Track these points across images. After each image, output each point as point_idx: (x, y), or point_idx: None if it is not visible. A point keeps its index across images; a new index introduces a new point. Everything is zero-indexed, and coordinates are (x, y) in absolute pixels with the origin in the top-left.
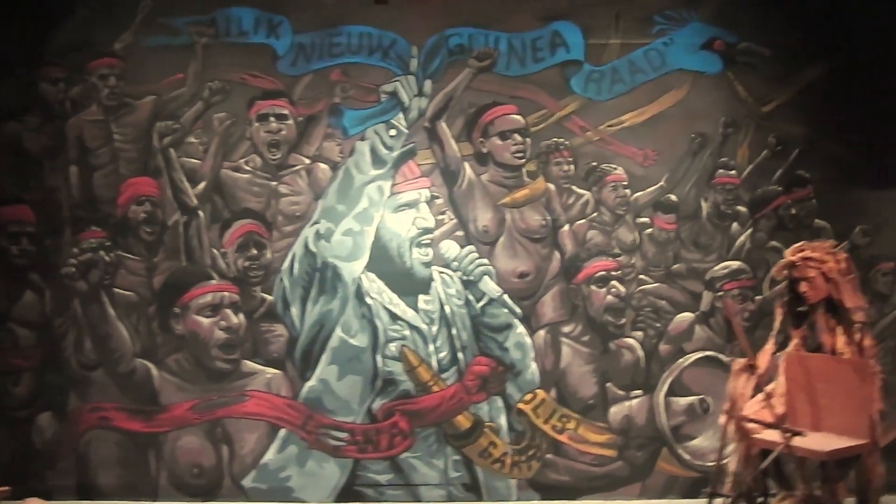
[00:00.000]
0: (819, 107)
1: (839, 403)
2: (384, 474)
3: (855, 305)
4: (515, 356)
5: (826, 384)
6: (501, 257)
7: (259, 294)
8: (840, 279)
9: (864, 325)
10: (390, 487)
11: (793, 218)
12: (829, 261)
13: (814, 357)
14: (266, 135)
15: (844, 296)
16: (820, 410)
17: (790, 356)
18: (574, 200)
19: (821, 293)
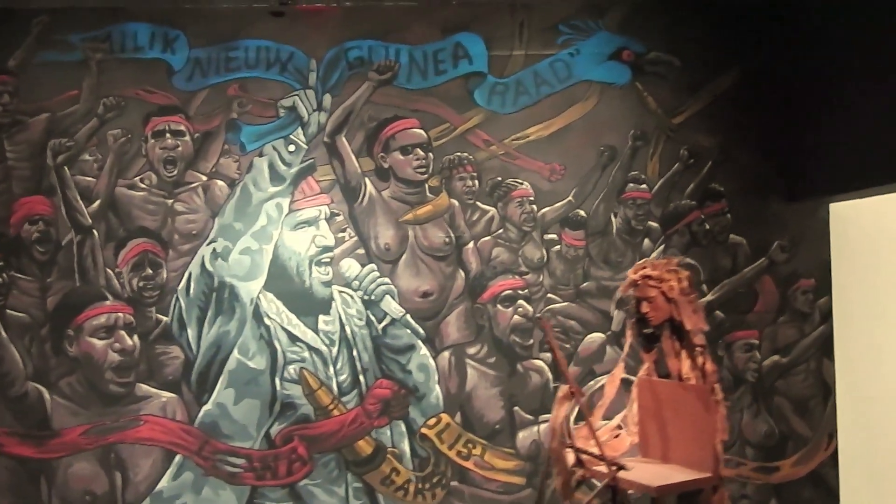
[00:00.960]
0: (732, 117)
1: (686, 433)
2: (283, 502)
3: (694, 327)
4: (419, 379)
5: (673, 412)
6: (404, 276)
7: (154, 315)
8: (680, 299)
9: (704, 348)
10: None
11: (707, 233)
12: (671, 279)
13: (662, 383)
14: (162, 151)
15: (684, 317)
16: (669, 440)
17: (641, 382)
18: (479, 217)
19: (662, 314)
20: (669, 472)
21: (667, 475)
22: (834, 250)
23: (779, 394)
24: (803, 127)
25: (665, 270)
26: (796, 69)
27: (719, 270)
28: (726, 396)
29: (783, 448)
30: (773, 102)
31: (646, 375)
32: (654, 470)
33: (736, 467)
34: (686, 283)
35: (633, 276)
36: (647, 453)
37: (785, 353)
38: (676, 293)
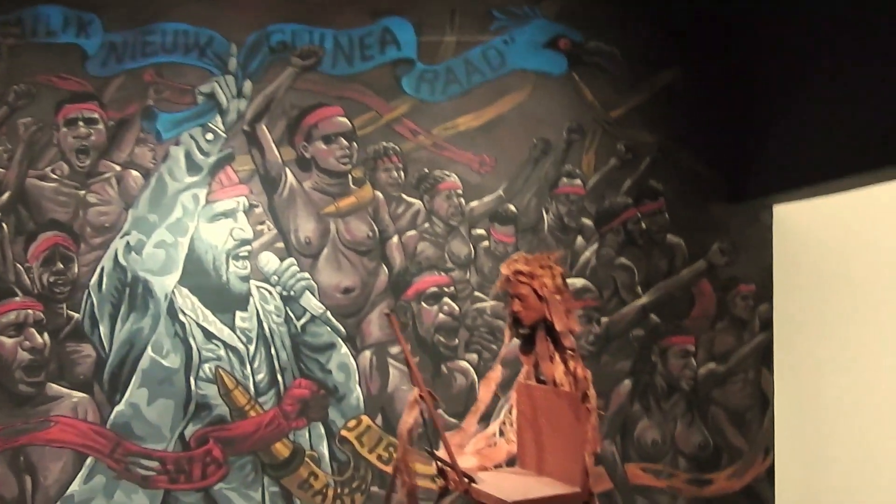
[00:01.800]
0: (673, 113)
1: (559, 444)
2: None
3: (565, 329)
4: (339, 379)
5: (547, 420)
6: (324, 271)
7: (65, 312)
8: (551, 297)
9: (575, 352)
10: None
11: (643, 233)
12: (544, 276)
13: (538, 388)
14: (74, 140)
15: (554, 317)
16: (544, 451)
17: (519, 386)
18: (404, 210)
19: (535, 313)
20: (535, 486)
21: (529, 489)
22: (776, 255)
23: (715, 403)
24: (747, 126)
25: (538, 266)
26: (741, 66)
27: (655, 272)
28: (660, 403)
29: (717, 460)
30: (716, 100)
31: (524, 379)
32: (518, 483)
33: (668, 478)
34: (560, 279)
35: (504, 272)
36: (524, 464)
37: (722, 361)
38: (548, 291)
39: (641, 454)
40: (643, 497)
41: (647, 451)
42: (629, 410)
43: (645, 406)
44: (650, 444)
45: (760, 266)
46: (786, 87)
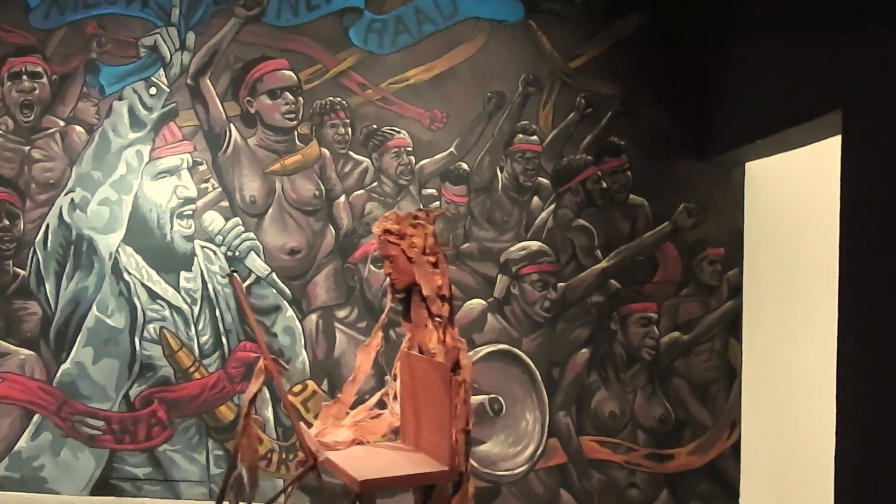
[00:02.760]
0: (635, 64)
1: (433, 418)
2: (142, 467)
3: (433, 293)
4: (284, 342)
5: (423, 392)
6: (270, 231)
7: (12, 269)
8: (419, 259)
9: (443, 318)
10: (148, 482)
11: (603, 192)
12: (414, 235)
13: (416, 358)
14: (18, 95)
15: (421, 280)
16: (420, 425)
17: (402, 355)
18: (351, 168)
19: (406, 276)
20: (400, 464)
21: (391, 467)
22: (748, 216)
23: (678, 375)
24: (715, 76)
25: (409, 224)
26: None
27: (616, 235)
28: (619, 374)
29: (679, 435)
30: (682, 48)
31: (406, 348)
32: (383, 459)
33: (626, 453)
34: (433, 239)
35: (375, 231)
36: (405, 438)
37: (686, 330)
38: (417, 252)
39: (598, 427)
40: (599, 472)
41: (605, 424)
42: (586, 381)
43: (603, 377)
44: (608, 416)
45: (730, 228)
46: (756, 32)
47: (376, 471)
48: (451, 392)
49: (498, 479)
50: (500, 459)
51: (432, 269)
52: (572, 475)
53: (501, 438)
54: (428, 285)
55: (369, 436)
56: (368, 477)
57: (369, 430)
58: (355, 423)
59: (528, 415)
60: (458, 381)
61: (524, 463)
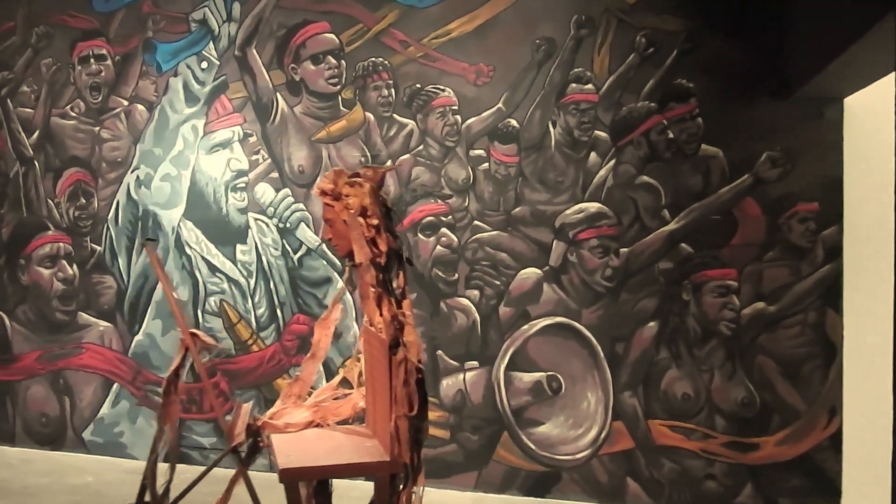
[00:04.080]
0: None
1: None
2: (208, 437)
3: (364, 260)
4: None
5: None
6: (318, 201)
7: (89, 245)
8: (353, 221)
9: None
10: (214, 451)
11: (670, 144)
12: (351, 196)
13: (369, 333)
14: (87, 78)
15: (354, 245)
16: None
17: (365, 331)
18: (396, 131)
19: (346, 242)
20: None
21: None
22: (847, 164)
23: (763, 352)
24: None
25: (345, 183)
26: None
27: (686, 192)
28: (692, 351)
29: (765, 422)
30: None
31: (367, 322)
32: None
33: (702, 440)
34: (371, 198)
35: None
36: (368, 422)
37: (772, 301)
38: (351, 214)
39: (669, 410)
40: (671, 461)
41: (677, 407)
42: (654, 358)
43: (674, 353)
44: (680, 398)
45: (825, 179)
46: None
47: (309, 458)
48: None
49: (558, 463)
50: (559, 442)
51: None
52: (640, 462)
53: (561, 420)
54: (360, 252)
55: (331, 417)
56: (293, 465)
57: (332, 411)
58: (317, 404)
59: (590, 394)
60: (396, 361)
61: (586, 447)
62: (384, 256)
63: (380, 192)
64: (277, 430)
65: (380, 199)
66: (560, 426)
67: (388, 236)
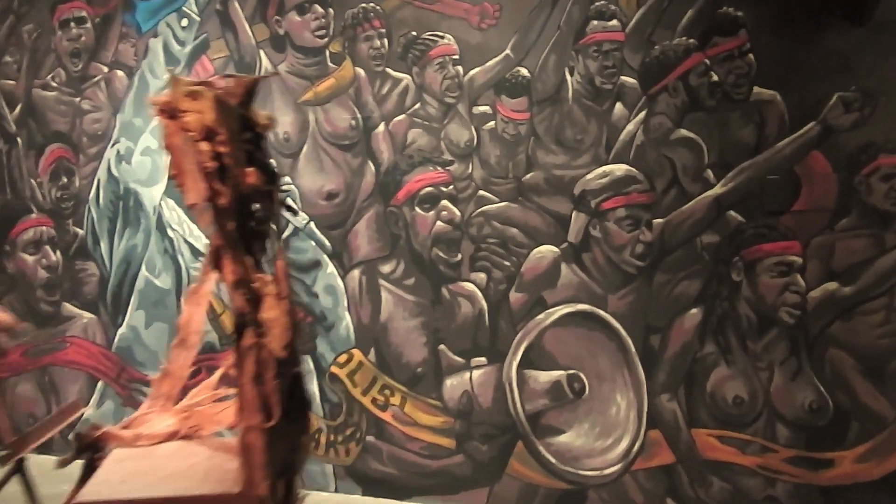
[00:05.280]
0: None
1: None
2: None
3: (197, 201)
4: (326, 304)
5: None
6: (306, 173)
7: (72, 228)
8: (187, 147)
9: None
10: None
11: (714, 88)
12: (190, 112)
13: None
14: (68, 44)
15: (187, 181)
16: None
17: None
18: (390, 88)
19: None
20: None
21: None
22: None
23: (836, 345)
24: None
25: (184, 96)
26: None
27: (735, 147)
28: (746, 344)
29: (841, 432)
30: None
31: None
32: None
33: (760, 454)
34: (217, 114)
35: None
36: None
37: (848, 280)
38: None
39: (718, 417)
40: (721, 478)
41: (728, 413)
42: (698, 353)
43: (722, 347)
44: (731, 402)
45: None
46: None
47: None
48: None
49: (582, 479)
50: (584, 455)
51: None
52: (682, 480)
53: (585, 428)
54: (193, 189)
55: (207, 427)
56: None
57: (209, 418)
58: (189, 408)
59: (620, 397)
60: (244, 348)
61: (617, 461)
62: (228, 196)
63: (246, 110)
64: (125, 443)
65: (237, 118)
66: (584, 435)
67: (248, 171)
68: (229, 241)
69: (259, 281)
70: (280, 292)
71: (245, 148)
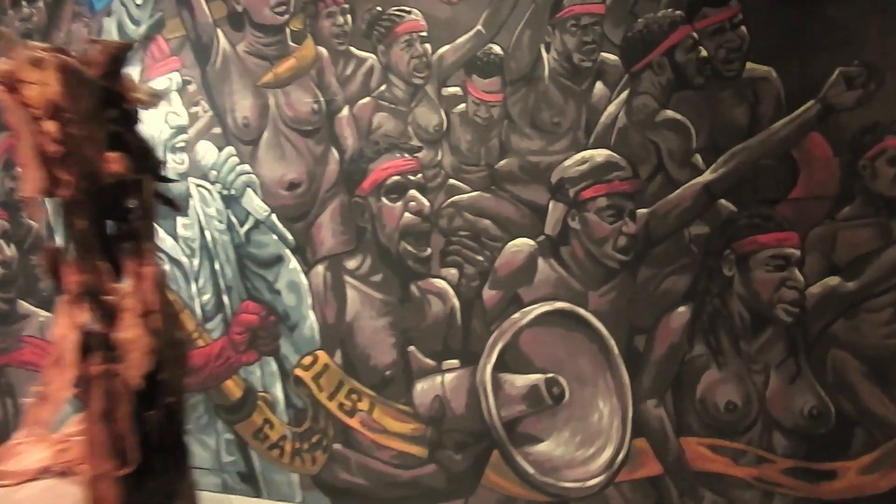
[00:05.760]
0: None
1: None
2: None
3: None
4: (289, 302)
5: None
6: (266, 161)
7: (25, 220)
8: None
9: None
10: None
11: (703, 64)
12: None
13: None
14: (20, 24)
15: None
16: None
17: None
18: (354, 69)
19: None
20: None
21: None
22: None
23: (839, 345)
24: None
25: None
26: None
27: (726, 129)
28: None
29: (845, 441)
30: None
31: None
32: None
33: (756, 465)
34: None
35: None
36: None
37: (851, 275)
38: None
39: (709, 424)
40: (713, 491)
41: (720, 420)
42: (687, 355)
43: (713, 348)
44: (723, 408)
45: None
46: None
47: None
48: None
49: (563, 492)
50: (564, 466)
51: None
52: (671, 493)
53: (566, 436)
54: (29, 177)
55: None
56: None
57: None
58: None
59: (602, 403)
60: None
61: (600, 472)
62: (74, 188)
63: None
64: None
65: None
66: (565, 444)
67: (110, 157)
68: (78, 243)
69: (114, 292)
70: (146, 307)
71: (109, 129)
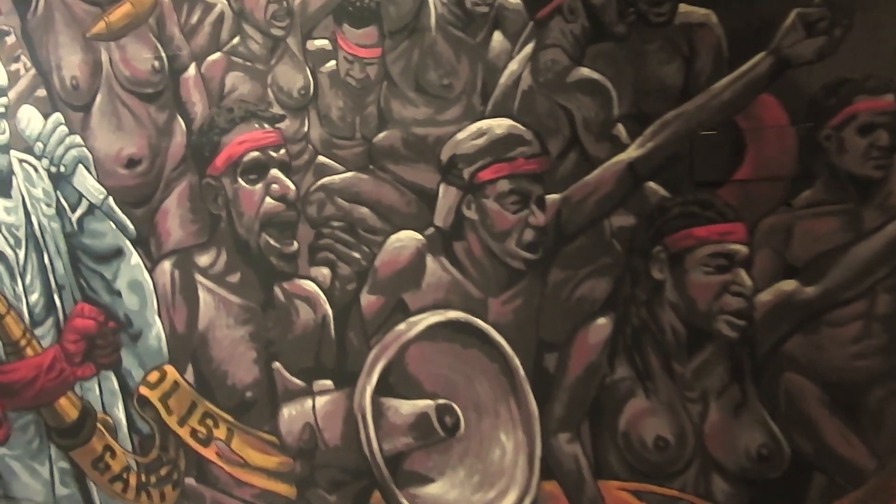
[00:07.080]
0: None
1: None
2: None
3: None
4: (131, 305)
5: None
6: (100, 130)
7: None
8: None
9: None
10: None
11: (625, 8)
12: None
13: None
14: None
15: None
16: None
17: None
18: (201, 16)
19: None
20: None
21: None
22: None
23: (795, 367)
24: None
25: None
26: None
27: (654, 91)
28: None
29: (801, 487)
30: None
31: None
32: None
33: None
34: None
35: None
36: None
37: (811, 278)
38: None
39: (634, 465)
40: None
41: (647, 461)
42: (608, 378)
43: (639, 370)
44: (652, 445)
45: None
46: None
47: None
48: None
49: None
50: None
51: None
52: None
53: (461, 476)
54: None
55: None
56: None
57: None
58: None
59: (505, 437)
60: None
61: None
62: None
63: None
64: None
65: None
66: (460, 485)
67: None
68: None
69: None
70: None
71: None
